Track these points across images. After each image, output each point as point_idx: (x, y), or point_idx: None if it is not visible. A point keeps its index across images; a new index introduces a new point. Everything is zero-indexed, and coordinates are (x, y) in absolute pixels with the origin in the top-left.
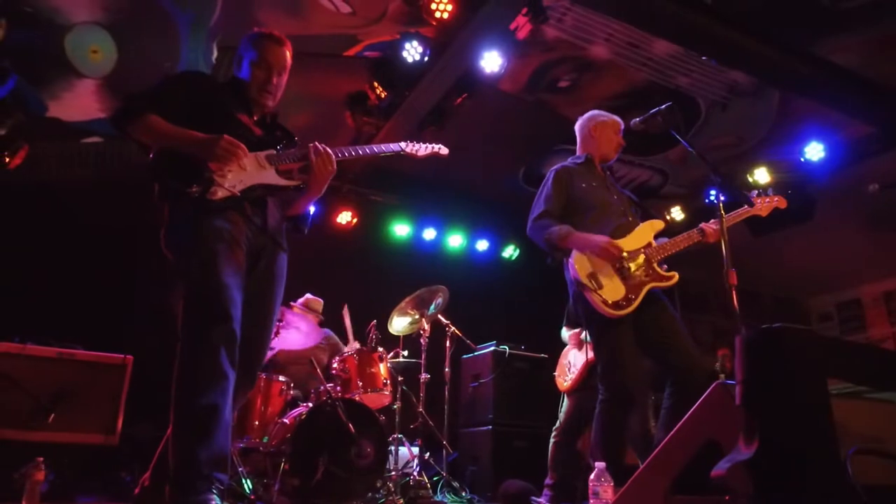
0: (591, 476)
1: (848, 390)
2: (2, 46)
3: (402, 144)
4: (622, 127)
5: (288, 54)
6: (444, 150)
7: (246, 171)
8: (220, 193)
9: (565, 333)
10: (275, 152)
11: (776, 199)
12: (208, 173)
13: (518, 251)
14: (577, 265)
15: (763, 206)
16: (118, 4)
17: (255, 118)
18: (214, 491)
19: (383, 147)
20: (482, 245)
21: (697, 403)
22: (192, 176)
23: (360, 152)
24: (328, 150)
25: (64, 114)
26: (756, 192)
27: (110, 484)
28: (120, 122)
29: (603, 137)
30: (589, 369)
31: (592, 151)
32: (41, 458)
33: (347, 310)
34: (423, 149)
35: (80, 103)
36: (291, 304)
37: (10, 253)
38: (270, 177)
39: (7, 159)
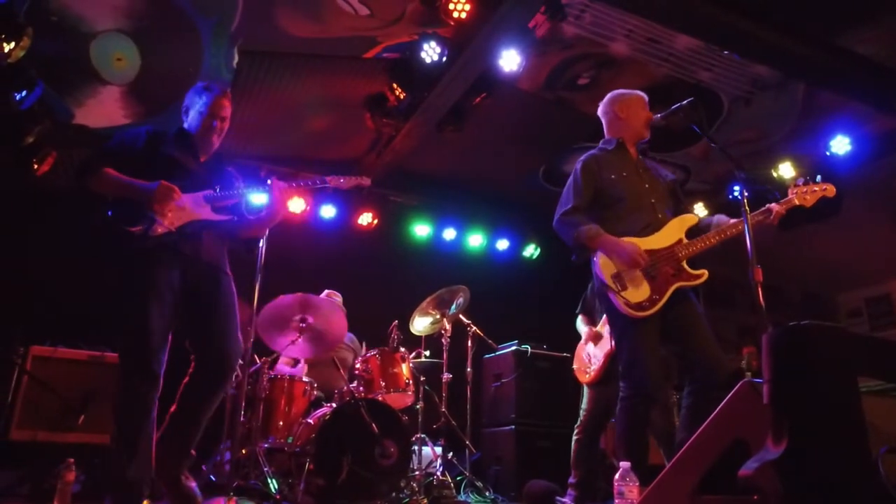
0: (616, 476)
1: (879, 388)
2: (29, 55)
3: (328, 178)
4: (647, 100)
5: (228, 103)
6: (367, 181)
7: (184, 210)
8: (160, 230)
9: (581, 325)
10: (213, 192)
11: (824, 186)
12: (150, 214)
13: (539, 250)
14: (602, 265)
15: (808, 196)
16: (141, 12)
17: (202, 160)
18: (143, 490)
19: (316, 181)
20: (503, 244)
21: (724, 402)
22: (138, 218)
23: (302, 184)
24: (282, 185)
25: (90, 120)
26: (802, 179)
27: None
28: (80, 177)
29: (631, 115)
30: (611, 360)
31: (622, 133)
32: (72, 460)
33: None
34: (345, 182)
35: (105, 110)
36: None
37: (40, 258)
38: (206, 213)
39: (35, 166)
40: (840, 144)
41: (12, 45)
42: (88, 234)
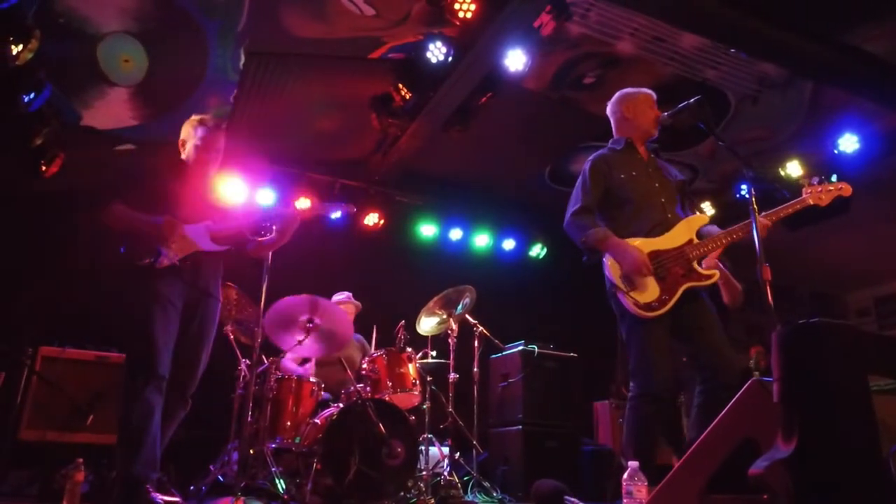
0: (625, 475)
1: (890, 387)
2: (37, 58)
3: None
4: (655, 98)
5: (222, 137)
6: (353, 209)
7: (187, 240)
8: (166, 262)
9: None
10: (212, 223)
11: (840, 185)
12: (157, 247)
13: (545, 250)
14: (612, 266)
15: (824, 195)
16: (148, 14)
17: (202, 184)
18: (149, 487)
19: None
20: (509, 244)
21: (734, 401)
22: (146, 252)
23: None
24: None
25: (98, 122)
26: (817, 178)
27: None
28: (92, 211)
29: (638, 114)
30: None
31: (631, 133)
32: (81, 459)
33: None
34: (333, 208)
35: (112, 111)
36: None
37: (48, 259)
38: (205, 245)
39: (44, 167)
40: (848, 142)
41: (20, 47)
42: (95, 236)
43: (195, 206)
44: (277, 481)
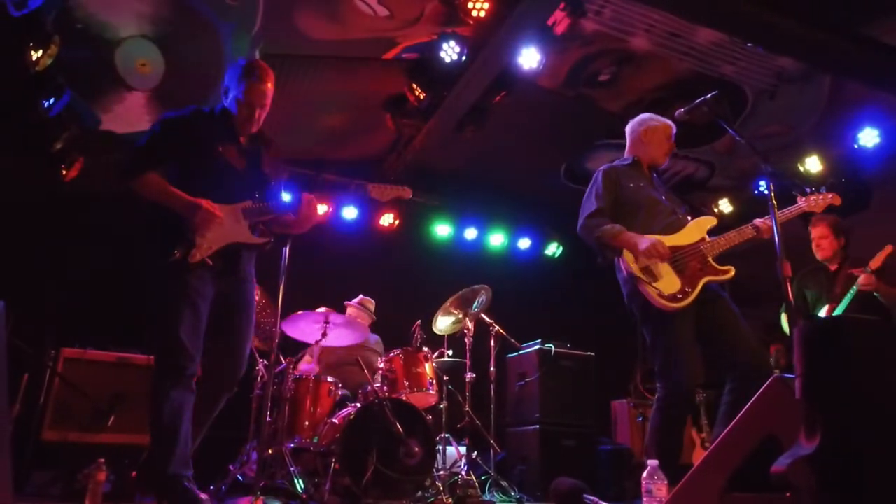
0: (644, 474)
1: None
2: (56, 63)
3: (370, 187)
4: (674, 131)
5: (269, 87)
6: (408, 193)
7: (223, 228)
8: (198, 256)
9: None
10: (251, 205)
11: (830, 196)
12: (190, 236)
13: (561, 249)
14: (630, 261)
15: (818, 203)
16: (164, 17)
17: (242, 140)
18: (185, 483)
19: (353, 185)
20: (524, 243)
21: (755, 398)
22: (177, 238)
23: (337, 190)
24: (313, 199)
25: (117, 126)
26: (809, 189)
27: None
28: (124, 179)
29: (654, 142)
30: None
31: (641, 155)
32: (102, 460)
33: None
34: (388, 191)
35: (131, 115)
36: (347, 303)
37: (70, 262)
38: (243, 235)
39: (64, 172)
40: (868, 137)
41: (40, 53)
42: (118, 238)
43: (240, 179)
44: (296, 481)
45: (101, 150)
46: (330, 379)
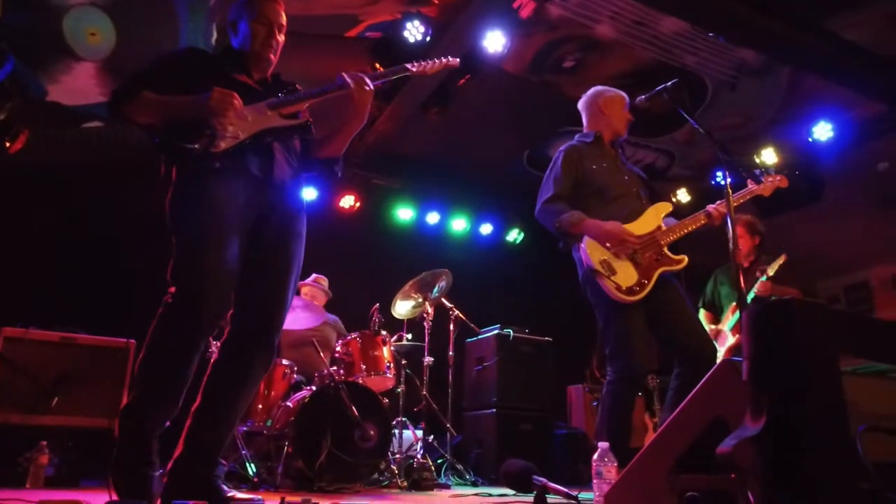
0: (595, 456)
1: (868, 369)
2: None
3: (409, 65)
4: (628, 102)
5: (282, 11)
6: (455, 61)
7: (248, 121)
8: (224, 144)
9: (704, 322)
10: (277, 98)
11: (777, 178)
12: (210, 129)
13: (522, 235)
14: (590, 251)
15: (766, 186)
16: None
17: (257, 78)
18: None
19: (394, 69)
20: (486, 229)
21: (703, 380)
22: (195, 134)
23: (375, 76)
24: (358, 74)
25: (64, 98)
26: (758, 171)
27: None
28: (116, 106)
29: (614, 113)
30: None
31: (602, 128)
32: (45, 443)
33: None
34: (430, 65)
35: (79, 87)
36: (300, 283)
37: (12, 238)
38: (273, 120)
39: (7, 144)
40: (822, 130)
41: None
42: (61, 216)
43: (254, 92)
44: (248, 465)
45: (48, 123)
46: (285, 362)
